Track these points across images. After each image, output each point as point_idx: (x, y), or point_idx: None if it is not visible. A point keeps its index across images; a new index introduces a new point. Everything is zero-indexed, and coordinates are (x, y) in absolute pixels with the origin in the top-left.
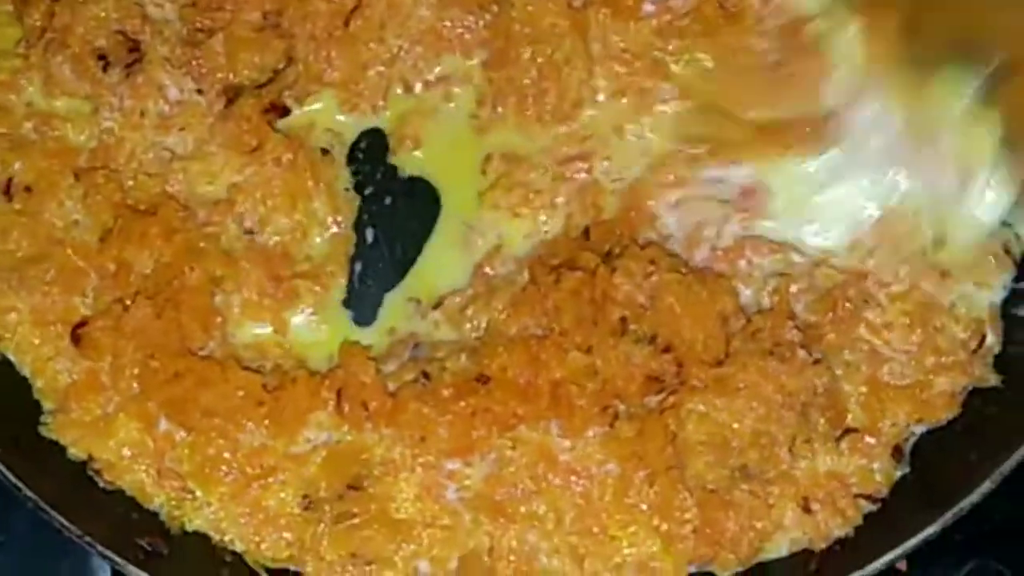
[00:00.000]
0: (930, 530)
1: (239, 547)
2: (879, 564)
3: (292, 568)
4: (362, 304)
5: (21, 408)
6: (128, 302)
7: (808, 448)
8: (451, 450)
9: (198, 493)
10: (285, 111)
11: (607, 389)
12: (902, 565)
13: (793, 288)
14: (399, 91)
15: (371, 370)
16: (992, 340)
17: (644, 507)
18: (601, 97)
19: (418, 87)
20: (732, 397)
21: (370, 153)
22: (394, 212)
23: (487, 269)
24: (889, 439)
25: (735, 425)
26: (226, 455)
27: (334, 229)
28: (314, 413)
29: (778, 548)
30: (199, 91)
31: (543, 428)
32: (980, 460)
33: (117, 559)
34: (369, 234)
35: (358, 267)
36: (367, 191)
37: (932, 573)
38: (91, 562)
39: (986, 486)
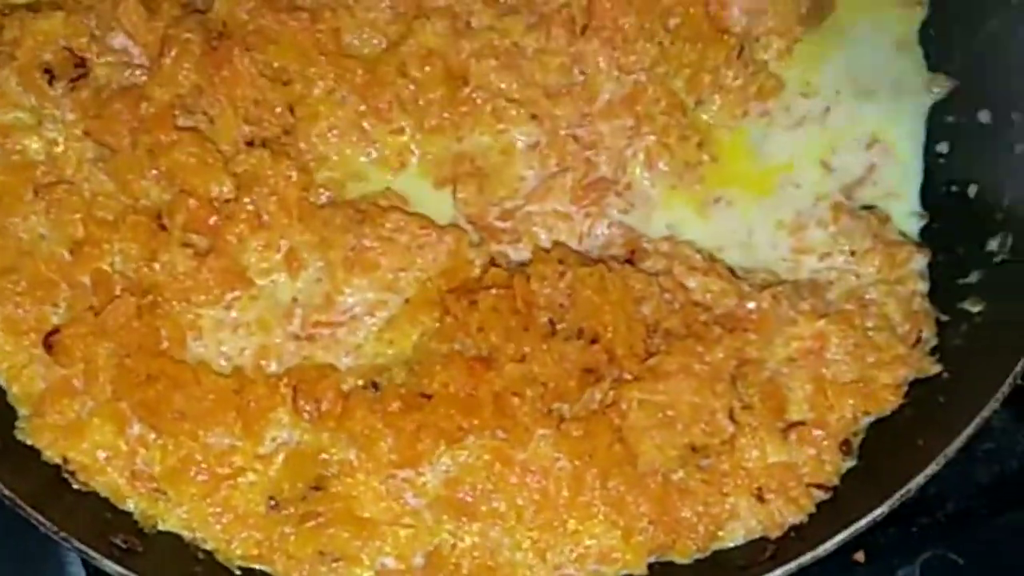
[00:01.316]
0: (878, 511)
1: (210, 546)
2: (831, 545)
3: (259, 567)
4: None
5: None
6: (105, 307)
7: (749, 415)
8: (398, 461)
9: (170, 494)
10: None
11: (548, 392)
12: (860, 557)
13: (690, 282)
14: None
15: (326, 369)
16: (928, 333)
17: (599, 504)
18: None
19: None
20: (666, 380)
21: None
22: None
23: None
24: (837, 431)
25: (674, 404)
26: (197, 456)
27: None
28: (275, 411)
29: (734, 536)
30: None
31: (490, 435)
32: (927, 445)
33: (93, 554)
34: None
35: None
36: None
37: (889, 564)
38: (69, 571)
39: (931, 468)
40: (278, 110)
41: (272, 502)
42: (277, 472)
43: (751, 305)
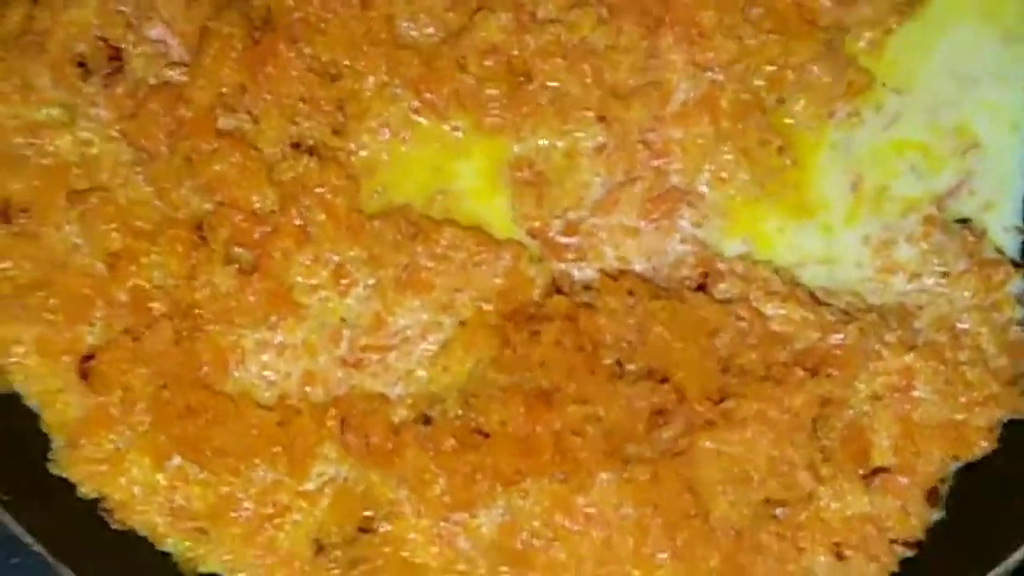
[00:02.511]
0: None
1: None
2: None
3: None
4: None
5: (30, 444)
6: (144, 329)
7: (830, 467)
8: (451, 504)
9: (211, 534)
10: None
11: (614, 434)
12: None
13: (768, 309)
14: None
15: (375, 401)
16: None
17: (665, 555)
18: None
19: None
20: (741, 429)
21: None
22: None
23: None
24: (923, 479)
25: (750, 456)
26: (239, 494)
27: None
28: (322, 445)
29: None
30: None
31: (550, 478)
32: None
33: None
34: None
35: None
36: None
37: None
38: None
39: None
40: (327, 108)
41: (318, 544)
42: (323, 512)
43: (835, 339)
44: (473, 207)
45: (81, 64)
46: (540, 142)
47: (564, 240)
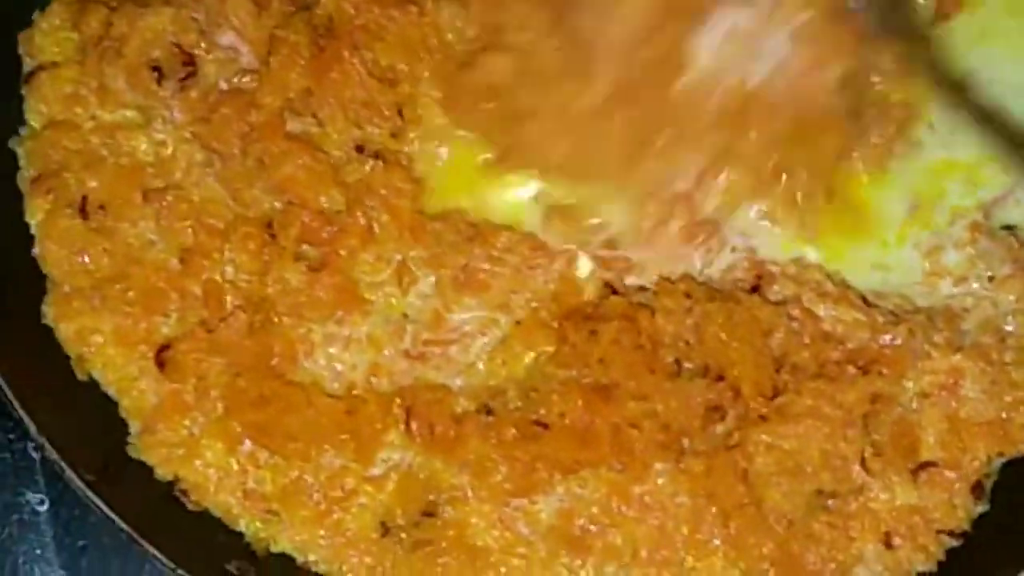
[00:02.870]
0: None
1: (322, 569)
2: None
3: None
4: None
5: (110, 429)
6: (218, 321)
7: (880, 461)
8: (512, 490)
9: (282, 515)
10: None
11: (670, 428)
12: None
13: (820, 311)
14: None
15: (439, 391)
16: None
17: (718, 542)
18: None
19: None
20: (794, 424)
21: None
22: None
23: None
24: (969, 474)
25: (803, 449)
26: (309, 478)
27: None
28: (388, 433)
29: None
30: None
31: (607, 468)
32: None
33: None
34: None
35: None
36: None
37: None
38: None
39: None
40: (387, 112)
41: (384, 527)
42: (388, 496)
43: (885, 339)
44: (530, 214)
45: (156, 69)
46: None
47: (608, 254)
